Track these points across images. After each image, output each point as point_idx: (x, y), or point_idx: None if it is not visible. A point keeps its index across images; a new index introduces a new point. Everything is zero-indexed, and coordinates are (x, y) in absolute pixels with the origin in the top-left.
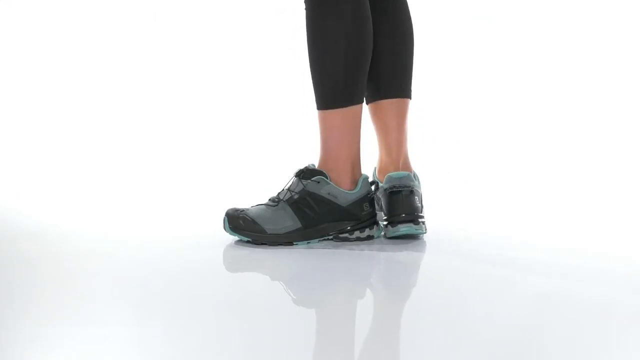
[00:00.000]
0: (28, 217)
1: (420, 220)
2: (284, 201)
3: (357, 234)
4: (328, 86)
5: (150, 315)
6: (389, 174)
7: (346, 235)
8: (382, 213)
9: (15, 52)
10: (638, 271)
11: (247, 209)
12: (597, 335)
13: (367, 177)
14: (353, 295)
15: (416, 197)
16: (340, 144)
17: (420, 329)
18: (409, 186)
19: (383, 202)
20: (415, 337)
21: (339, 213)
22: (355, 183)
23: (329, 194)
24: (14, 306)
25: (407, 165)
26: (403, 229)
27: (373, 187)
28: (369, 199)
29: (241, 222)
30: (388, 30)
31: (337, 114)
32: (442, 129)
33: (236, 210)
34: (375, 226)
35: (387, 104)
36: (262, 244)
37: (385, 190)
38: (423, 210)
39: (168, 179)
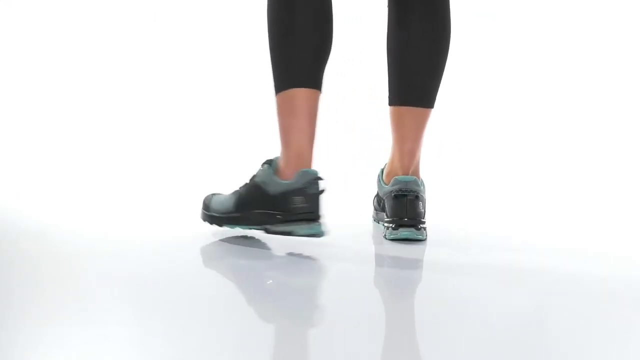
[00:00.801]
0: (28, 217)
1: (421, 226)
2: (242, 185)
3: (278, 227)
4: (273, 72)
5: (151, 315)
6: (396, 177)
7: (267, 227)
8: (385, 214)
9: (15, 52)
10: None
11: (219, 193)
12: (600, 337)
13: (307, 172)
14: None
15: (420, 202)
16: (284, 131)
17: (422, 330)
18: (415, 191)
19: (387, 204)
20: (416, 339)
21: (267, 202)
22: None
23: (262, 181)
24: (13, 306)
25: (416, 172)
26: (403, 232)
27: (321, 186)
28: (306, 193)
29: (205, 201)
30: (420, 37)
31: (278, 98)
32: (445, 130)
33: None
34: (304, 223)
35: (407, 111)
36: (205, 221)
37: (390, 192)
38: (425, 216)
39: (168, 179)
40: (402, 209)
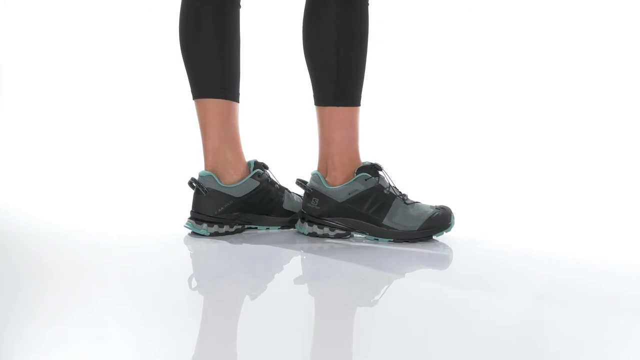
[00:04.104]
0: (28, 216)
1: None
2: None
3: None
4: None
5: (151, 315)
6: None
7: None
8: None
9: (15, 53)
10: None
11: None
12: (599, 341)
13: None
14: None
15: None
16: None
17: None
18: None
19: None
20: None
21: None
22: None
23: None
24: (13, 305)
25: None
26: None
27: (194, 186)
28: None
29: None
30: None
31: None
32: (444, 130)
33: None
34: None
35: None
36: None
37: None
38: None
39: (168, 178)
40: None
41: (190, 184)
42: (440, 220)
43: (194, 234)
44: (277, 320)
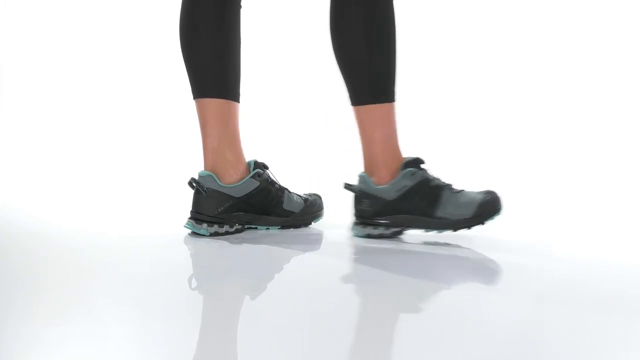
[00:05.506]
0: (28, 215)
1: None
2: None
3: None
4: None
5: (151, 315)
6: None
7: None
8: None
9: (15, 53)
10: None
11: None
12: (600, 340)
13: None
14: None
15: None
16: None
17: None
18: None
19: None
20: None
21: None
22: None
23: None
24: (13, 306)
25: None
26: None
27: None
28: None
29: None
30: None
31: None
32: (443, 130)
33: None
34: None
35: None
36: None
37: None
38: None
39: (168, 178)
40: None
41: (190, 183)
42: (491, 204)
43: (194, 234)
44: (277, 321)
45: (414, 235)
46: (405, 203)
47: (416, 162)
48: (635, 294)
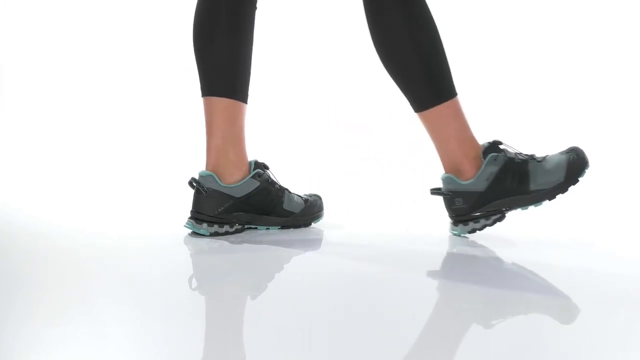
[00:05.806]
0: (28, 215)
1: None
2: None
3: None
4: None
5: (151, 315)
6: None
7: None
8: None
9: (15, 53)
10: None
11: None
12: (604, 338)
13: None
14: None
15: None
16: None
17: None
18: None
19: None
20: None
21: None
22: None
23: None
24: (13, 306)
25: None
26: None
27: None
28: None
29: None
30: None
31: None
32: None
33: None
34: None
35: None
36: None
37: None
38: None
39: (168, 178)
40: None
41: (190, 183)
42: (578, 161)
43: (194, 233)
44: (277, 321)
45: (414, 235)
46: (498, 188)
47: (495, 146)
48: (636, 294)
